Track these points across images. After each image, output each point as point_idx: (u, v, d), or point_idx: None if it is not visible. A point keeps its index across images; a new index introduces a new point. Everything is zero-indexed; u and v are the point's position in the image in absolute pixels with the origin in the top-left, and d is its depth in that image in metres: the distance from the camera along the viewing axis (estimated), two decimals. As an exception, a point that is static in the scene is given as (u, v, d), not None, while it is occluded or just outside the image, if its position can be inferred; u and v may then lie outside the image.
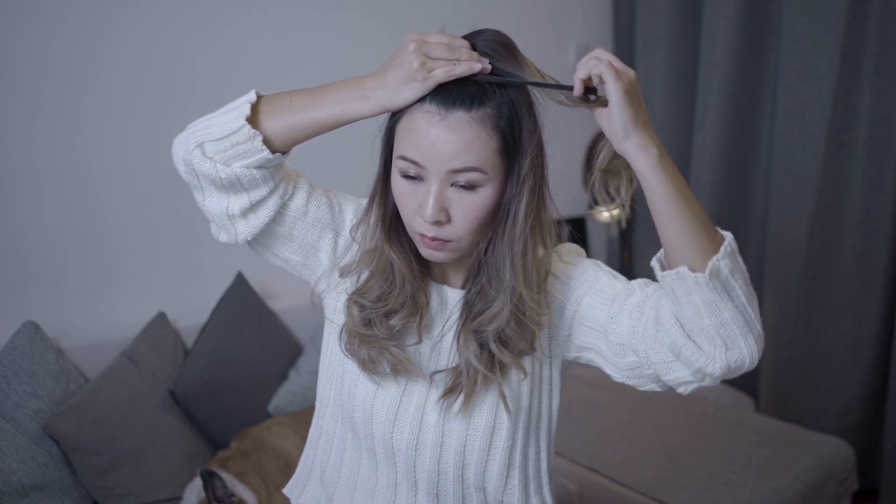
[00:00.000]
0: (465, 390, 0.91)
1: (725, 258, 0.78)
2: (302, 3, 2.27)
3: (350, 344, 0.94)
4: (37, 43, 1.85)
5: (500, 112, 0.82)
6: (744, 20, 2.65)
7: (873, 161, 2.46)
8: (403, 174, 0.85)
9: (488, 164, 0.83)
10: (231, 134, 0.84)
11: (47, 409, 1.70)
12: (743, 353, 0.80)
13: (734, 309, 0.79)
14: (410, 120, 0.83)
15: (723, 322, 0.79)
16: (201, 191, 0.89)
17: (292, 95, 0.87)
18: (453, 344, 0.93)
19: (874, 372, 2.58)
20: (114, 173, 2.02)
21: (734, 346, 0.79)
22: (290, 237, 0.94)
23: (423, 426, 0.95)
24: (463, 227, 0.85)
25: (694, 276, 0.78)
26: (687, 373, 0.83)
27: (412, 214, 0.86)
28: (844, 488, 2.17)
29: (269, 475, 1.79)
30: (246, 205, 0.88)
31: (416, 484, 0.97)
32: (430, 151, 0.81)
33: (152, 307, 2.03)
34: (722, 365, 0.80)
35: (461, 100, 0.81)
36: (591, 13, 3.08)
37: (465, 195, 0.84)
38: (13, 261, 1.90)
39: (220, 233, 0.93)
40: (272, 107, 0.86)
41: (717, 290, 0.78)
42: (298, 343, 2.24)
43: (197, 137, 0.85)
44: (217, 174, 0.85)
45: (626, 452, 2.12)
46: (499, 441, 0.94)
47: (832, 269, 2.59)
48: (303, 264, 0.97)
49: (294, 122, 0.85)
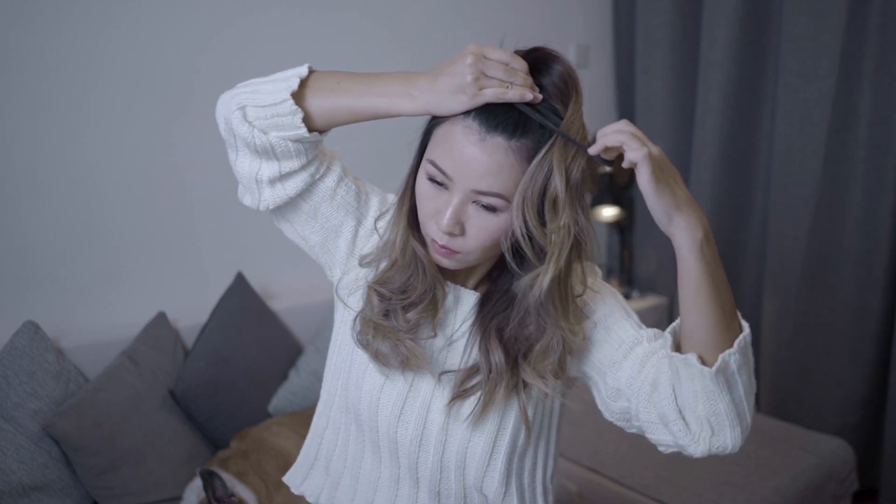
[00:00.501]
0: (483, 399, 0.91)
1: (737, 353, 0.80)
2: (302, 3, 2.27)
3: (363, 334, 0.94)
4: (37, 43, 1.85)
5: (539, 147, 0.81)
6: (744, 20, 2.65)
7: (873, 161, 2.46)
8: (430, 177, 0.85)
9: (514, 193, 0.82)
10: (274, 105, 0.84)
11: (47, 409, 1.70)
12: (726, 442, 0.83)
13: (730, 402, 0.81)
14: (450, 130, 0.82)
15: (716, 412, 0.81)
16: (235, 150, 0.90)
17: (341, 77, 0.87)
18: (467, 346, 0.94)
19: (874, 372, 2.58)
20: (114, 173, 2.02)
21: (720, 434, 0.82)
22: (315, 216, 0.94)
23: (428, 423, 0.95)
24: (474, 244, 0.85)
25: (701, 368, 0.80)
26: (669, 440, 0.86)
27: (428, 218, 0.86)
28: (844, 488, 2.18)
29: (269, 475, 1.79)
30: (275, 173, 0.88)
31: (417, 480, 0.97)
32: (461, 167, 0.81)
33: (152, 307, 2.03)
34: (704, 449, 0.83)
35: (504, 125, 0.80)
36: (591, 13, 3.08)
37: (483, 215, 0.84)
38: (13, 261, 1.90)
39: (245, 195, 0.94)
40: (319, 84, 0.86)
41: (719, 384, 0.80)
42: (298, 343, 2.24)
43: (241, 100, 0.85)
44: (253, 139, 0.85)
45: (626, 452, 2.12)
46: (501, 446, 0.94)
47: (832, 269, 2.59)
48: (321, 246, 0.97)
49: (337, 105, 0.86)
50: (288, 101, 0.84)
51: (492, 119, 0.80)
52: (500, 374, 0.90)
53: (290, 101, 0.84)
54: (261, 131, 0.85)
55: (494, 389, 0.90)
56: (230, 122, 0.86)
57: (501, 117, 0.80)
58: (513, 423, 0.94)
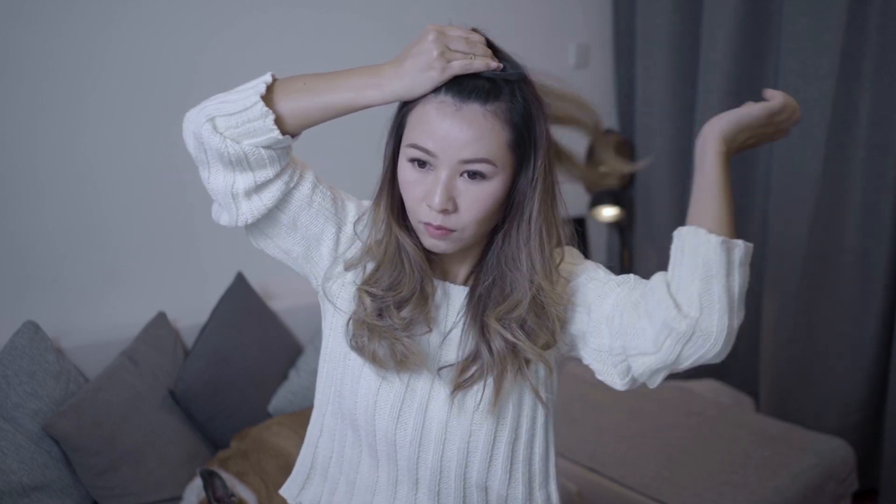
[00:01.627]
0: (494, 387, 0.91)
1: (742, 247, 0.82)
2: (302, 3, 2.27)
3: (358, 337, 0.94)
4: (37, 43, 1.85)
5: (513, 106, 0.84)
6: (744, 20, 2.65)
7: (873, 161, 2.46)
8: (413, 160, 0.86)
9: (499, 156, 0.84)
10: (244, 110, 0.85)
11: (47, 409, 1.70)
12: (712, 328, 0.80)
13: (724, 290, 0.81)
14: (424, 111, 0.84)
15: (709, 292, 0.81)
16: (207, 167, 0.89)
17: (306, 78, 0.88)
18: (462, 339, 0.94)
19: (874, 372, 2.58)
20: (114, 173, 2.02)
21: (708, 317, 0.81)
22: (294, 227, 0.94)
23: (427, 423, 0.95)
24: (469, 217, 0.86)
25: (708, 235, 0.81)
26: (651, 342, 0.84)
27: (418, 202, 0.87)
28: (844, 488, 2.17)
29: (269, 475, 1.79)
30: (251, 184, 0.88)
31: (416, 482, 0.97)
32: (442, 141, 0.83)
33: (152, 307, 2.03)
34: (688, 325, 0.80)
35: (476, 93, 0.83)
36: (591, 13, 3.08)
37: (473, 186, 0.85)
38: (13, 261, 1.90)
39: (221, 214, 0.93)
40: (286, 87, 0.87)
41: (721, 260, 0.80)
42: (298, 343, 2.24)
43: (210, 111, 0.86)
44: (226, 149, 0.85)
45: (626, 452, 2.12)
46: (503, 436, 0.95)
47: (832, 269, 2.59)
48: (304, 256, 0.97)
49: (307, 104, 0.86)
50: (258, 103, 0.84)
51: (464, 89, 0.83)
52: (503, 361, 0.91)
53: (260, 103, 0.84)
54: (233, 141, 0.85)
55: (502, 376, 0.91)
56: (200, 135, 0.86)
57: (472, 86, 0.83)
58: (511, 411, 0.95)
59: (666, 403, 2.36)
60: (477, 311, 0.93)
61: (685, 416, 2.30)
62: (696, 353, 0.82)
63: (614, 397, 2.39)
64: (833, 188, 2.53)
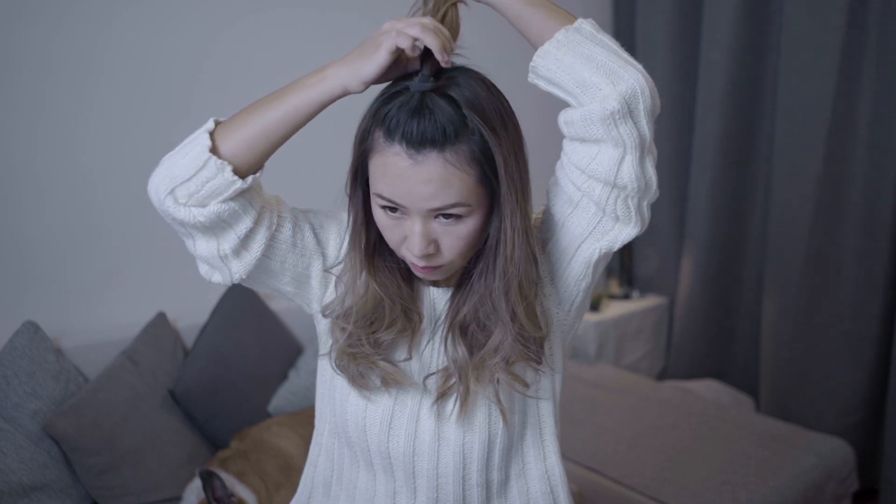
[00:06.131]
0: (459, 398, 0.90)
1: (585, 21, 0.81)
2: (303, 3, 2.27)
3: (339, 360, 0.93)
4: (37, 43, 1.85)
5: (472, 141, 0.78)
6: (744, 20, 2.65)
7: (873, 161, 2.46)
8: (384, 207, 0.83)
9: (471, 196, 0.80)
10: (198, 171, 0.80)
11: (47, 409, 1.70)
12: (630, 82, 0.78)
13: (606, 51, 0.79)
14: (382, 162, 0.80)
15: (599, 64, 0.78)
16: (191, 237, 0.87)
17: (247, 108, 0.84)
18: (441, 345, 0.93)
19: (874, 372, 2.58)
20: (114, 173, 2.02)
21: (619, 81, 0.78)
22: (283, 269, 0.92)
23: (419, 433, 0.94)
24: (453, 254, 0.84)
25: (552, 40, 0.80)
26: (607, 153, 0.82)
27: (399, 245, 0.85)
28: (844, 488, 2.18)
29: (269, 475, 1.79)
30: (235, 242, 0.85)
31: (415, 490, 0.97)
32: (407, 195, 0.79)
33: (152, 307, 2.03)
34: (617, 96, 0.77)
35: (430, 138, 0.77)
36: (591, 13, 3.04)
37: (450, 227, 0.82)
38: (13, 261, 1.90)
39: (212, 274, 0.91)
40: (228, 127, 0.83)
41: (581, 39, 0.79)
42: (298, 343, 2.24)
43: (165, 185, 0.81)
44: (196, 218, 0.82)
45: (626, 452, 2.12)
46: (496, 438, 0.94)
47: (832, 269, 2.59)
48: (295, 293, 0.96)
49: (250, 134, 0.82)
50: (210, 159, 0.80)
51: (414, 137, 0.77)
52: (465, 368, 0.89)
53: (212, 158, 0.80)
54: (199, 206, 0.81)
55: (467, 383, 0.89)
56: (167, 213, 0.83)
57: (424, 130, 0.77)
58: (514, 408, 0.94)
59: (666, 403, 2.36)
60: (451, 314, 0.91)
61: (685, 416, 2.30)
62: (638, 103, 0.80)
63: (614, 397, 2.39)
64: (833, 188, 2.53)
